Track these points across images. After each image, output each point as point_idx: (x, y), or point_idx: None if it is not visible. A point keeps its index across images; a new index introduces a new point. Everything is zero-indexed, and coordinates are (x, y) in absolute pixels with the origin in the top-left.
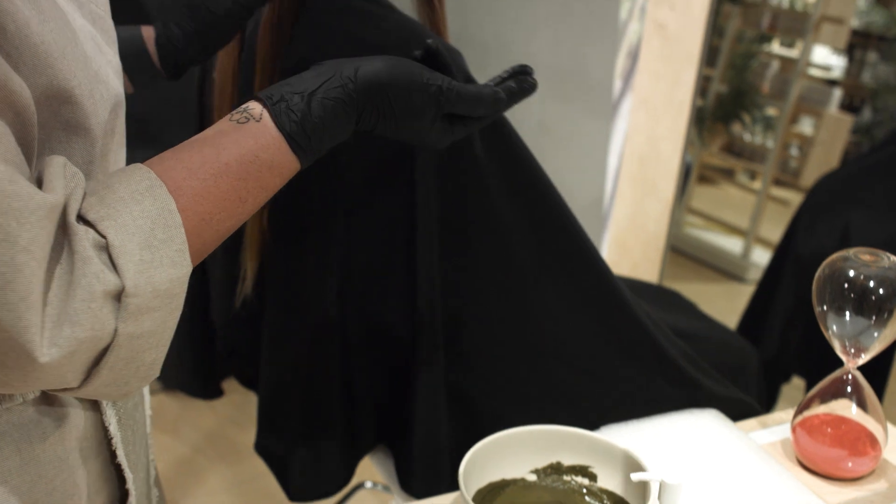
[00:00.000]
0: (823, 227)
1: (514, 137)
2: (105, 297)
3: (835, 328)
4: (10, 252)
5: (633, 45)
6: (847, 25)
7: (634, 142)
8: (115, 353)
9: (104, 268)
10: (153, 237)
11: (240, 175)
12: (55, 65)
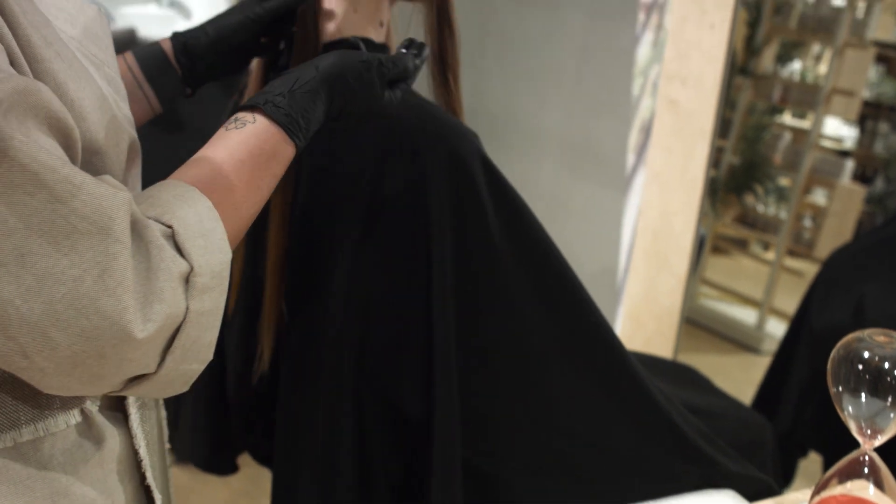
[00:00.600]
0: (838, 301)
1: (527, 213)
2: (180, 278)
3: (850, 409)
4: (104, 243)
5: (645, 119)
6: (858, 97)
7: (647, 216)
8: (186, 332)
9: (175, 253)
10: (203, 227)
11: (253, 167)
12: (88, 118)
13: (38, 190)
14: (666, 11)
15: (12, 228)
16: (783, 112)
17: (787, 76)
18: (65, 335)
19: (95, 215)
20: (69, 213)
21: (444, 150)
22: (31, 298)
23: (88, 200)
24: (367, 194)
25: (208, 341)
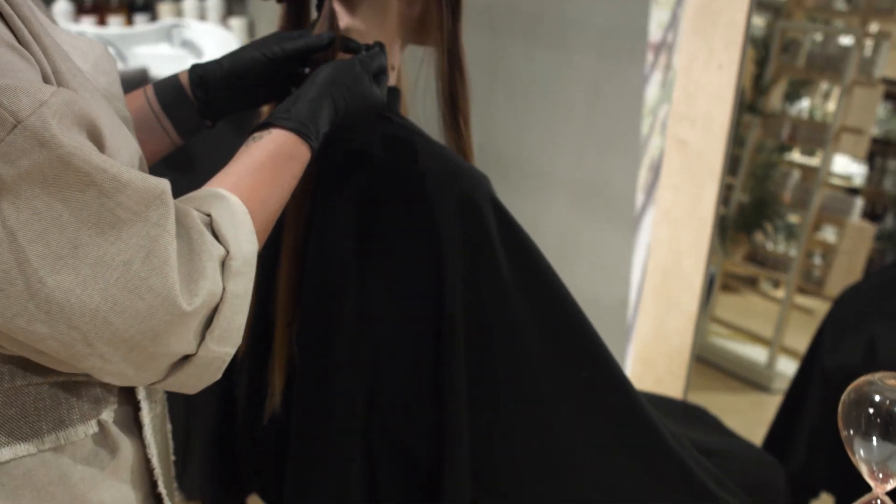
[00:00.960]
0: (849, 341)
1: (538, 256)
2: (218, 260)
3: (861, 453)
4: (145, 228)
5: (654, 158)
6: (867, 135)
7: (657, 255)
8: (223, 312)
9: (213, 238)
10: (235, 220)
11: (273, 167)
12: (115, 156)
13: (89, 188)
14: (674, 52)
15: (66, 222)
16: (792, 150)
17: (795, 114)
18: (122, 318)
19: (137, 206)
20: (115, 206)
21: (455, 193)
22: (89, 286)
23: (132, 194)
24: (379, 235)
25: (239, 324)
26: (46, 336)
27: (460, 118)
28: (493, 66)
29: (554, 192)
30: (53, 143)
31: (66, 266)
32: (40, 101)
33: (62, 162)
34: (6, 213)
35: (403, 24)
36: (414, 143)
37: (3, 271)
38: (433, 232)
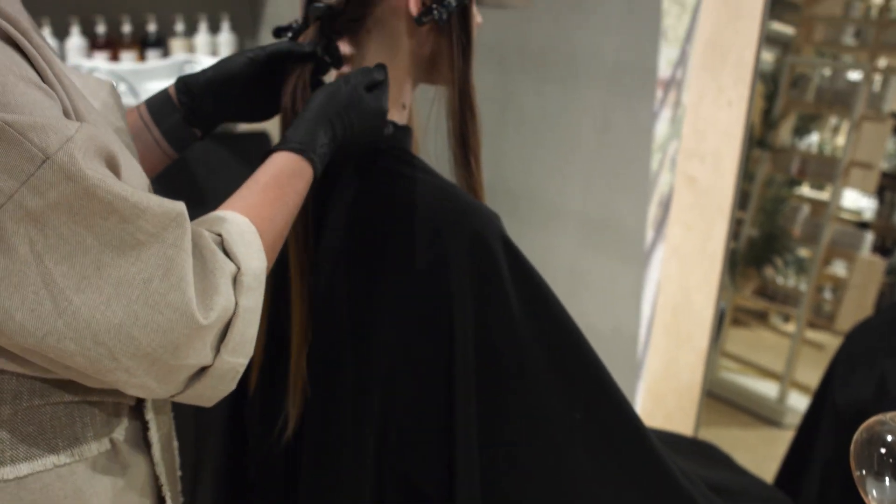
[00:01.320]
0: (860, 377)
1: (549, 294)
2: (230, 276)
3: (874, 493)
4: (162, 248)
5: (664, 195)
6: (877, 169)
7: (667, 292)
8: (236, 325)
9: (225, 256)
10: (244, 238)
11: (276, 186)
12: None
13: (111, 214)
14: (683, 88)
15: (89, 246)
16: (801, 184)
17: (804, 149)
18: (145, 332)
19: (155, 228)
20: (135, 230)
21: (466, 231)
22: (112, 303)
23: (150, 218)
24: (390, 273)
25: (251, 336)
26: (75, 353)
27: (471, 157)
28: (503, 101)
29: (563, 228)
30: (79, 175)
31: (91, 286)
32: (67, 137)
33: (87, 193)
34: (34, 239)
35: (415, 63)
36: (425, 182)
37: (33, 292)
38: (444, 270)
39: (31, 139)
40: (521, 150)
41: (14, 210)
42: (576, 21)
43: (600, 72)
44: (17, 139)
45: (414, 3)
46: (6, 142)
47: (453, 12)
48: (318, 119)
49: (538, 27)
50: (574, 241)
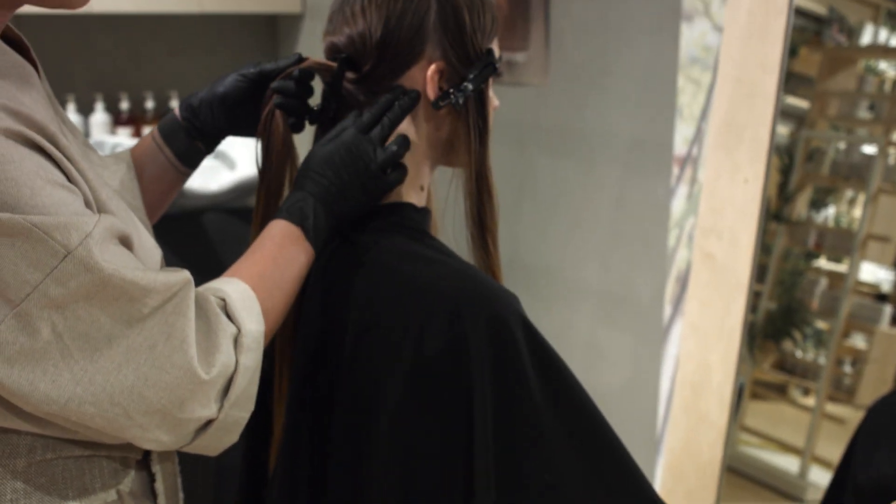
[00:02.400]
0: (882, 453)
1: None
2: (232, 337)
3: None
4: (163, 316)
5: (681, 271)
6: (894, 242)
7: (686, 369)
8: (237, 382)
9: (227, 320)
10: (244, 303)
11: (271, 251)
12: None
13: (122, 297)
14: (699, 165)
15: (103, 323)
16: (819, 257)
17: (821, 221)
18: (154, 391)
19: (159, 303)
20: (141, 306)
21: (484, 313)
22: (124, 368)
23: (156, 295)
24: (409, 354)
25: (252, 392)
26: (94, 414)
27: (488, 238)
28: (520, 177)
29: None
30: (96, 268)
31: (104, 356)
32: (86, 233)
33: (103, 282)
34: (55, 321)
35: (432, 146)
36: (444, 263)
37: (53, 365)
38: (464, 353)
39: (54, 237)
40: (538, 226)
41: (39, 298)
42: (592, 99)
43: (616, 149)
44: (42, 238)
45: (431, 88)
46: (34, 240)
47: (470, 96)
48: (301, 183)
49: (555, 104)
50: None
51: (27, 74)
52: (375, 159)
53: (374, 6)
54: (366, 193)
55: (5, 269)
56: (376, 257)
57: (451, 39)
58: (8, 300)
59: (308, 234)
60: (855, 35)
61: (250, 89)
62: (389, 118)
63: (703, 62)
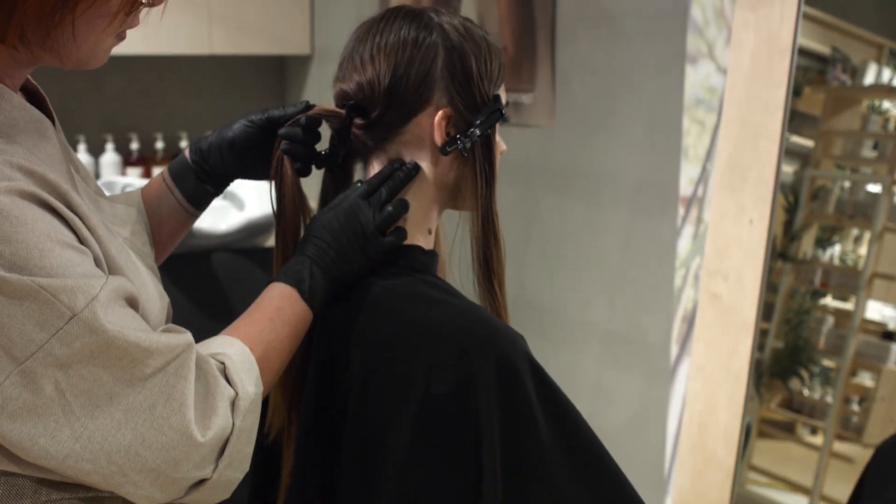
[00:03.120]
0: (890, 494)
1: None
2: (229, 400)
3: None
4: (164, 378)
5: (688, 310)
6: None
7: (693, 409)
8: (233, 443)
9: (226, 383)
10: (243, 366)
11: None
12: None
13: (125, 357)
14: (705, 205)
15: (104, 382)
16: (825, 295)
17: (827, 260)
18: (150, 451)
19: (160, 364)
20: (143, 366)
21: (492, 354)
22: (123, 427)
23: (158, 357)
24: (418, 395)
25: (247, 453)
26: (91, 471)
27: (495, 281)
28: (527, 217)
29: (588, 343)
30: (100, 330)
31: (104, 413)
32: (92, 296)
33: (106, 343)
34: (59, 380)
35: (439, 189)
36: (451, 304)
37: (54, 421)
38: (472, 392)
39: (61, 300)
40: (544, 267)
41: (44, 357)
42: (598, 140)
43: (622, 189)
44: (49, 300)
45: (438, 133)
46: (41, 302)
47: (477, 142)
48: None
49: (561, 145)
50: (598, 357)
51: (44, 128)
52: (373, 222)
53: (383, 54)
54: (365, 256)
55: (12, 327)
56: (384, 299)
57: (459, 87)
58: (13, 357)
59: (304, 295)
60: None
61: (258, 135)
62: (389, 186)
63: (707, 103)
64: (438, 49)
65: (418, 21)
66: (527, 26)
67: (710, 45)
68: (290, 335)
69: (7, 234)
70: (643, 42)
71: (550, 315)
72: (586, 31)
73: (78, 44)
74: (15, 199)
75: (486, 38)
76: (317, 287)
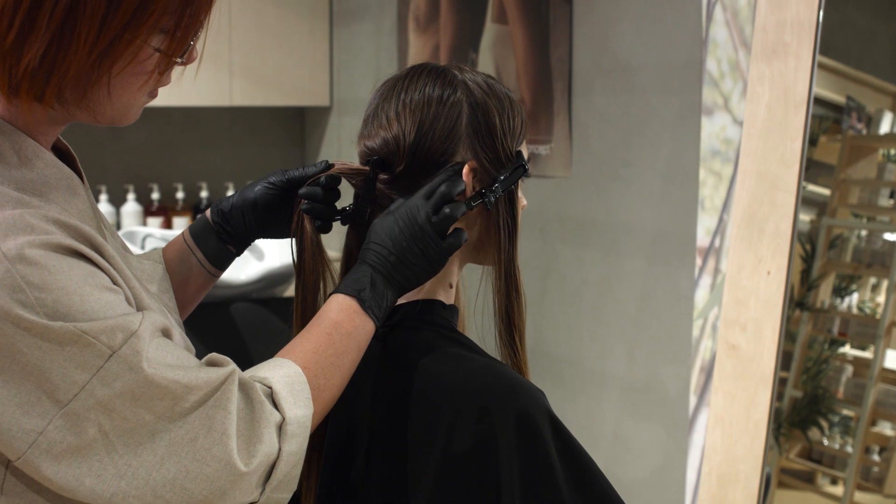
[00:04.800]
0: None
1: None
2: (276, 425)
3: None
4: (203, 411)
5: (706, 360)
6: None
7: (712, 461)
8: (280, 468)
9: (272, 408)
10: (292, 388)
11: (325, 325)
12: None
13: (166, 396)
14: (722, 255)
15: (147, 421)
16: (844, 344)
17: (845, 309)
18: (195, 483)
19: (201, 398)
20: (184, 402)
21: (512, 410)
22: (166, 462)
23: (198, 392)
24: (439, 452)
25: (295, 475)
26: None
27: (516, 335)
28: (545, 268)
29: (606, 393)
30: (139, 367)
31: (147, 450)
32: (131, 332)
33: (146, 381)
34: (102, 421)
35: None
36: (471, 359)
37: (98, 461)
38: (492, 451)
39: (101, 340)
40: (562, 317)
41: (86, 399)
42: (615, 190)
43: (639, 240)
44: (90, 342)
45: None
46: (81, 345)
47: (500, 197)
48: (363, 256)
49: (578, 196)
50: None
51: (74, 186)
52: (430, 223)
53: (409, 111)
54: (426, 259)
55: (54, 372)
56: (405, 354)
57: (483, 143)
58: (57, 401)
59: (364, 304)
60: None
61: (279, 196)
62: (445, 187)
63: (723, 155)
64: (463, 106)
65: (443, 78)
66: (544, 78)
67: (726, 97)
68: (349, 349)
69: (48, 283)
70: (659, 94)
71: (568, 365)
72: (603, 82)
73: (113, 102)
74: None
75: (508, 95)
76: (378, 295)
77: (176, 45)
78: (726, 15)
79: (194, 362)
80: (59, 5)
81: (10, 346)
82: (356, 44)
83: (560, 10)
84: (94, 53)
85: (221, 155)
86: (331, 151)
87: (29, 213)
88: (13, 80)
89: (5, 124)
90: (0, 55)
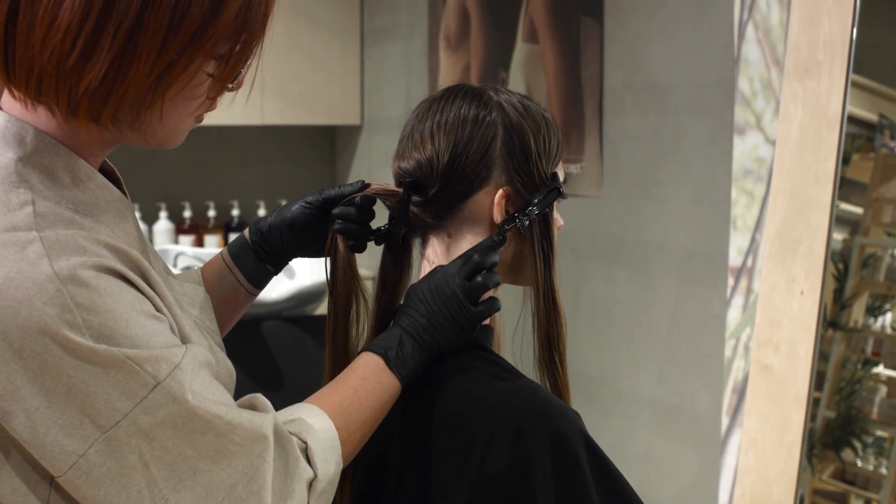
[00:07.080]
0: None
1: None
2: (307, 482)
3: None
4: (249, 458)
5: (738, 381)
6: None
7: (745, 482)
8: None
9: (307, 464)
10: (325, 445)
11: (352, 381)
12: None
13: (209, 430)
14: (755, 275)
15: (189, 455)
16: (878, 364)
17: (878, 328)
18: None
19: (245, 441)
20: (228, 442)
21: (547, 432)
22: (201, 503)
23: (241, 432)
24: (473, 473)
25: None
26: None
27: (556, 356)
28: (576, 288)
29: (638, 415)
30: (183, 399)
31: (186, 487)
32: (174, 364)
33: (189, 413)
34: (143, 450)
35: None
36: (507, 380)
37: (136, 491)
38: (527, 473)
39: (146, 369)
40: (593, 337)
41: (128, 426)
42: (646, 210)
43: (671, 259)
44: (135, 370)
45: (497, 212)
46: (126, 371)
47: (535, 219)
48: (398, 319)
49: (609, 215)
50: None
51: (123, 208)
52: (461, 290)
53: (443, 132)
54: (455, 323)
55: (98, 396)
56: (440, 375)
57: (517, 165)
58: (99, 426)
59: (390, 363)
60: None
61: (316, 215)
62: (479, 256)
63: (756, 174)
64: (498, 127)
65: (478, 99)
66: (575, 97)
67: (758, 116)
68: (374, 406)
69: (96, 305)
70: (691, 113)
71: (600, 385)
72: (634, 101)
73: (164, 125)
74: (102, 274)
75: (544, 116)
76: (406, 356)
77: (228, 71)
78: (758, 34)
79: (233, 402)
80: (122, 27)
81: (57, 366)
82: (387, 63)
83: (591, 30)
84: (153, 76)
85: (253, 173)
86: (361, 170)
87: (81, 234)
88: (72, 100)
89: (60, 146)
90: (61, 76)
